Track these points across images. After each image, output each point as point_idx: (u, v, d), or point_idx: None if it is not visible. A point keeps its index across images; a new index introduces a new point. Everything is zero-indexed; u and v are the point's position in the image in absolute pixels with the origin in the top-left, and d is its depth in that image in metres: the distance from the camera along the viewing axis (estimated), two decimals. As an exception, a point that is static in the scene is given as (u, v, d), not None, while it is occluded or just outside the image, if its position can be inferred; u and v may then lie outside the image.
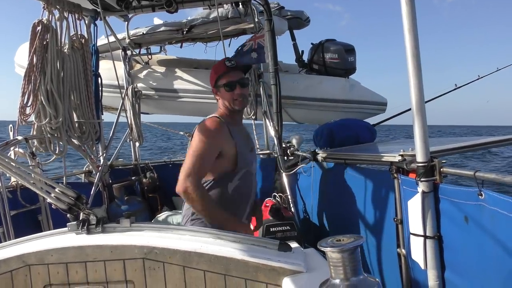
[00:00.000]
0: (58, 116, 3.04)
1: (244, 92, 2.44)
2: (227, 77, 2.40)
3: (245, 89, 2.46)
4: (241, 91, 2.41)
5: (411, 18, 1.83)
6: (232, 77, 2.40)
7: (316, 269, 1.57)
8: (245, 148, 2.48)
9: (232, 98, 2.40)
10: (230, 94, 2.39)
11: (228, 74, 2.40)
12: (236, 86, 2.39)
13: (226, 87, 2.40)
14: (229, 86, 2.39)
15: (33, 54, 2.95)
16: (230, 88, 2.39)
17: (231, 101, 2.41)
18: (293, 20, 5.43)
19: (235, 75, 2.41)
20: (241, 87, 2.41)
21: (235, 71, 2.42)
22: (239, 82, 2.41)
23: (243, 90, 2.42)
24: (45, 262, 1.68)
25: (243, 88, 2.42)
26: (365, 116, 5.21)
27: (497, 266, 1.64)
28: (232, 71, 2.41)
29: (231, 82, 2.39)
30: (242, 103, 2.45)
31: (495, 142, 2.67)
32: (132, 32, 4.79)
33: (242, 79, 2.43)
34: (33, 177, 2.03)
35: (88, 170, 4.22)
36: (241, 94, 2.41)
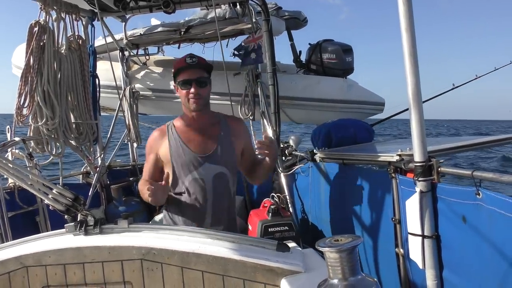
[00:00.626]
0: (55, 117, 3.04)
1: (201, 92, 2.29)
2: (185, 74, 2.28)
3: (203, 89, 2.30)
4: (197, 91, 2.27)
5: (408, 17, 1.83)
6: (190, 74, 2.27)
7: (315, 269, 1.57)
8: (186, 151, 2.32)
9: (187, 96, 2.29)
10: (185, 92, 2.28)
11: (186, 71, 2.28)
12: (192, 84, 2.26)
13: (182, 84, 2.29)
14: (185, 84, 2.28)
15: (30, 55, 2.94)
16: (185, 86, 2.28)
17: (186, 99, 2.30)
18: (291, 21, 5.42)
19: (193, 73, 2.28)
20: (198, 86, 2.27)
21: (195, 69, 2.28)
22: (197, 80, 2.27)
23: (200, 90, 2.28)
24: (43, 263, 1.67)
25: (200, 88, 2.28)
26: (363, 116, 5.22)
27: (495, 265, 1.64)
28: (191, 68, 2.28)
29: (187, 80, 2.27)
30: (197, 103, 2.30)
31: (492, 142, 2.67)
32: (130, 33, 4.78)
33: (201, 78, 2.29)
34: (31, 178, 2.02)
35: (86, 171, 4.21)
36: (197, 93, 2.27)
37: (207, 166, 2.32)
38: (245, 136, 2.54)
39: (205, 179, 2.32)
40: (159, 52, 5.36)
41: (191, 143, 2.34)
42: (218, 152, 2.34)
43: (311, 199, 3.71)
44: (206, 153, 2.33)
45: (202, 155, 2.32)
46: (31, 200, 3.34)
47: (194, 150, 2.32)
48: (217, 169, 2.34)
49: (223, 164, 2.35)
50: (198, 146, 2.34)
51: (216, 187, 2.34)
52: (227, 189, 2.39)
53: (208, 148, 2.35)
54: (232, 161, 2.41)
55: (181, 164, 2.31)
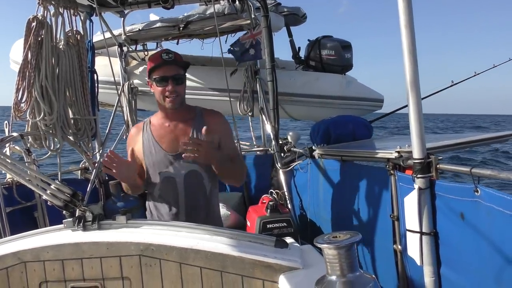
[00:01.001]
0: (53, 112, 3.03)
1: (177, 89, 2.21)
2: (161, 71, 2.20)
3: (179, 87, 2.23)
4: (174, 88, 2.19)
5: (408, 13, 1.83)
6: (166, 71, 2.19)
7: (313, 266, 1.57)
8: (157, 149, 2.27)
9: (163, 94, 2.21)
10: (161, 89, 2.20)
11: (162, 68, 2.20)
12: (169, 81, 2.19)
13: (158, 81, 2.20)
14: (160, 80, 2.19)
15: (27, 50, 2.92)
16: (161, 83, 2.20)
17: (161, 97, 2.23)
18: (290, 17, 5.41)
19: (170, 70, 2.20)
20: (175, 83, 2.20)
21: (171, 65, 2.21)
22: (173, 77, 2.19)
23: (176, 87, 2.21)
24: (41, 259, 1.67)
25: (177, 85, 2.21)
26: (362, 112, 5.22)
27: (492, 262, 1.64)
28: (167, 65, 2.20)
29: (164, 77, 2.19)
30: (173, 101, 2.22)
31: (491, 139, 2.68)
32: (128, 28, 4.76)
33: (177, 75, 2.21)
34: (29, 174, 2.02)
35: (85, 166, 4.20)
36: (174, 91, 2.20)
37: (178, 165, 2.26)
38: (220, 130, 2.34)
39: (176, 178, 2.25)
40: (158, 47, 5.33)
41: (162, 141, 2.28)
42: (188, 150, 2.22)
43: (310, 196, 3.72)
44: (177, 152, 2.25)
45: (172, 154, 2.26)
46: (29, 195, 3.33)
47: (165, 148, 2.26)
48: (188, 167, 2.26)
49: (194, 161, 2.23)
50: (169, 144, 2.27)
51: (189, 186, 2.27)
52: (201, 187, 2.30)
53: (178, 146, 2.22)
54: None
55: (152, 162, 2.27)
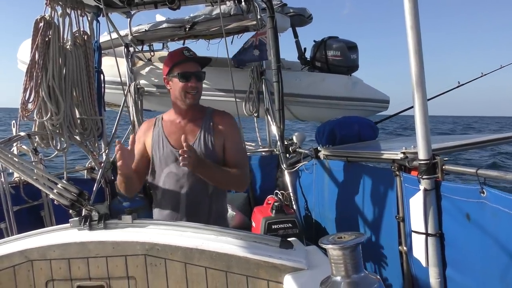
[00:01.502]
0: (59, 112, 3.05)
1: (198, 86, 2.26)
2: (183, 67, 2.24)
3: (200, 83, 2.28)
4: (195, 84, 2.24)
5: (414, 15, 1.82)
6: (188, 67, 2.24)
7: (318, 267, 1.57)
8: (165, 145, 2.29)
9: (185, 90, 2.24)
10: (183, 85, 2.23)
11: (184, 64, 2.24)
12: (191, 77, 2.23)
13: (181, 77, 2.23)
14: (184, 76, 2.22)
15: (35, 51, 2.95)
16: (184, 78, 2.23)
17: (183, 93, 2.25)
18: (296, 17, 5.41)
19: (192, 66, 2.25)
20: (197, 80, 2.25)
21: (193, 62, 2.27)
22: (195, 74, 2.25)
23: (198, 83, 2.26)
24: (47, 257, 1.68)
25: (198, 82, 2.26)
26: (368, 113, 5.21)
27: (498, 264, 1.64)
28: (189, 62, 2.25)
29: (187, 73, 2.23)
30: (194, 97, 2.27)
31: (497, 140, 2.66)
32: (135, 29, 4.78)
33: (199, 72, 2.27)
34: (36, 173, 2.04)
35: (91, 166, 4.23)
36: (195, 87, 2.25)
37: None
38: (227, 132, 2.35)
39: (180, 174, 2.27)
40: (164, 48, 5.36)
41: (171, 137, 2.31)
42: (194, 147, 2.23)
43: (315, 197, 3.71)
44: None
45: (178, 150, 2.21)
46: (36, 194, 3.36)
47: (173, 144, 2.29)
48: None
49: None
50: (177, 140, 2.28)
51: (192, 184, 2.27)
52: (204, 186, 2.28)
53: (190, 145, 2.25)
54: (210, 157, 2.27)
55: (159, 156, 2.30)
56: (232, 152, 2.35)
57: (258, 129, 5.51)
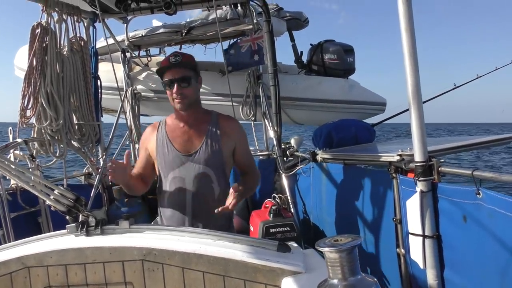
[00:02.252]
0: (59, 118, 3.05)
1: (184, 92, 2.23)
2: (167, 75, 2.24)
3: (186, 89, 2.24)
4: (180, 90, 2.22)
5: (408, 17, 1.83)
6: (173, 74, 2.22)
7: (315, 270, 1.57)
8: (170, 149, 2.29)
9: (171, 97, 2.26)
10: (169, 92, 2.25)
11: (169, 71, 2.24)
12: (175, 84, 2.21)
13: (165, 85, 2.26)
14: (168, 83, 2.24)
15: (32, 57, 2.96)
16: (168, 86, 2.24)
17: (171, 99, 2.28)
18: (292, 21, 5.43)
19: (177, 72, 2.22)
20: (181, 86, 2.22)
21: (179, 68, 2.23)
22: (179, 80, 2.21)
23: (183, 89, 2.22)
24: (44, 264, 1.68)
25: (183, 88, 2.22)
26: (364, 116, 5.22)
27: (495, 265, 1.64)
28: (175, 68, 2.22)
29: (169, 80, 2.23)
30: (181, 103, 2.25)
31: (491, 141, 2.68)
32: (131, 34, 4.79)
33: (183, 77, 2.22)
34: (33, 180, 2.03)
35: (88, 172, 4.22)
36: (180, 93, 2.22)
37: (189, 166, 2.27)
38: (236, 136, 2.40)
39: (185, 178, 2.27)
40: (161, 53, 5.37)
41: (176, 141, 2.31)
42: (201, 152, 2.28)
43: (313, 200, 3.71)
44: (189, 152, 2.28)
45: (184, 154, 2.28)
46: (33, 201, 3.36)
47: (178, 148, 2.29)
48: (199, 169, 2.27)
49: (206, 164, 2.28)
50: (182, 145, 2.30)
51: (198, 188, 2.27)
52: (210, 190, 2.30)
53: (192, 147, 2.30)
54: (217, 161, 2.31)
55: (164, 161, 2.30)
56: (245, 156, 2.46)
57: (255, 133, 5.51)
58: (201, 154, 2.29)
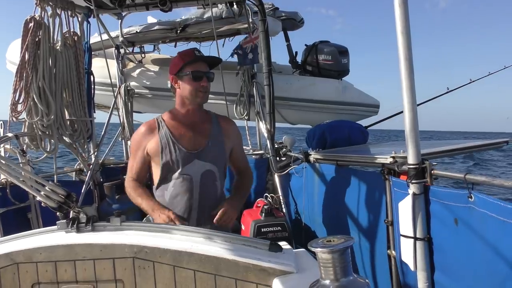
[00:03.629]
0: (50, 113, 3.02)
1: (208, 86, 2.31)
2: (195, 66, 2.28)
3: (209, 84, 2.33)
4: (207, 84, 2.29)
5: (404, 20, 1.84)
6: (200, 67, 2.29)
7: (307, 270, 1.57)
8: (177, 147, 2.29)
9: (196, 89, 2.28)
10: (196, 84, 2.27)
11: (196, 64, 2.28)
12: (203, 77, 2.28)
13: (193, 76, 2.26)
14: (196, 76, 2.27)
15: (25, 51, 2.92)
16: (196, 78, 2.27)
17: (194, 92, 2.28)
18: (287, 21, 5.42)
19: (203, 66, 2.31)
20: (208, 80, 2.30)
21: (203, 62, 2.32)
22: (207, 74, 2.30)
23: (208, 84, 2.31)
24: (33, 260, 1.66)
25: (208, 82, 2.31)
26: (358, 118, 5.23)
27: (486, 268, 1.65)
28: (200, 62, 2.30)
29: (199, 72, 2.27)
30: (204, 97, 2.32)
31: (485, 145, 2.69)
32: (126, 30, 4.77)
33: (209, 72, 2.32)
34: (23, 175, 2.01)
35: (79, 168, 4.19)
36: (206, 87, 2.29)
37: (196, 163, 2.30)
38: (234, 137, 2.50)
39: (193, 176, 2.29)
40: (155, 50, 5.35)
41: (182, 139, 2.31)
42: (208, 149, 2.32)
43: (305, 200, 3.72)
44: (196, 150, 2.30)
45: (192, 152, 2.29)
46: (23, 196, 3.32)
47: (185, 146, 2.29)
48: (206, 166, 2.31)
49: (212, 161, 2.32)
50: (188, 142, 2.31)
51: (204, 185, 2.31)
52: (214, 187, 2.36)
53: (198, 144, 2.32)
54: (221, 159, 2.38)
55: (170, 159, 2.28)
56: (241, 157, 2.57)
57: (248, 132, 5.51)
58: (207, 151, 2.32)
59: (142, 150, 2.35)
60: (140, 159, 2.37)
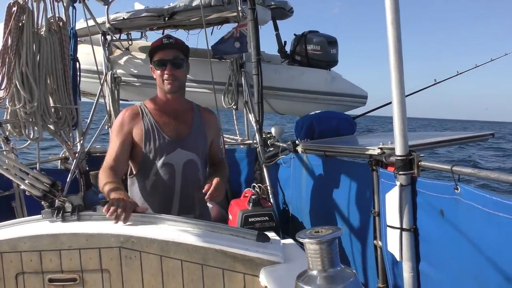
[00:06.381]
0: (33, 100, 2.95)
1: (176, 74, 2.21)
2: (160, 54, 2.21)
3: (178, 71, 2.22)
4: (171, 72, 2.19)
5: (394, 10, 1.83)
6: (166, 54, 2.20)
7: (294, 260, 1.58)
8: (161, 135, 2.23)
9: (162, 77, 2.21)
10: (159, 72, 2.21)
11: (161, 51, 2.21)
12: (167, 65, 2.19)
13: (157, 64, 2.21)
14: (159, 64, 2.20)
15: (7, 36, 2.85)
16: (160, 66, 2.20)
17: (161, 80, 2.22)
18: (277, 10, 5.39)
19: (169, 53, 2.20)
20: (173, 67, 2.19)
21: (171, 49, 2.21)
22: (172, 61, 2.19)
23: (175, 71, 2.20)
24: (18, 249, 1.64)
25: (175, 69, 2.20)
26: (346, 108, 5.25)
27: (470, 259, 1.67)
28: (167, 49, 2.21)
29: (163, 60, 2.19)
30: (172, 84, 2.22)
31: (472, 137, 2.72)
32: (112, 17, 4.69)
33: (175, 58, 2.21)
34: (7, 163, 1.97)
35: (65, 156, 4.14)
36: (171, 75, 2.20)
37: (179, 152, 2.26)
38: (214, 129, 2.47)
39: (175, 164, 2.25)
40: (142, 37, 5.28)
41: (165, 127, 2.26)
42: (191, 138, 2.28)
43: (292, 190, 3.73)
44: (180, 138, 2.27)
45: (175, 140, 2.25)
46: (7, 185, 3.27)
47: (168, 134, 2.25)
48: (188, 155, 2.28)
49: (194, 150, 2.29)
50: (172, 131, 2.26)
51: (186, 174, 2.28)
52: (196, 176, 2.32)
53: (181, 133, 2.28)
54: (203, 149, 2.35)
55: (153, 147, 2.23)
56: (218, 148, 2.57)
57: (236, 121, 5.49)
58: (190, 140, 2.28)
59: (125, 134, 2.24)
60: (121, 143, 2.23)
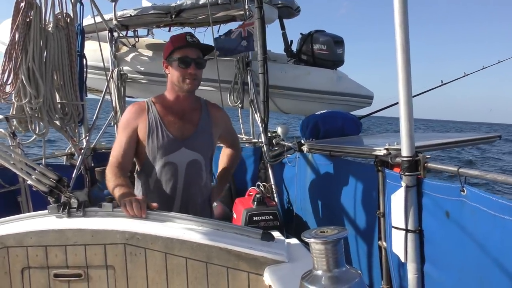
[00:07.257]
0: (39, 96, 2.96)
1: (197, 73, 2.20)
2: (184, 52, 2.17)
3: (199, 71, 2.22)
4: (194, 71, 2.18)
5: (403, 12, 1.82)
6: (189, 53, 2.18)
7: (298, 260, 1.58)
8: (165, 133, 2.21)
9: (183, 76, 2.18)
10: (182, 70, 2.18)
11: (186, 49, 2.18)
12: (191, 64, 2.17)
13: (181, 62, 2.17)
14: (183, 62, 2.17)
15: (15, 31, 2.86)
16: (184, 64, 2.17)
17: (181, 78, 2.19)
18: (284, 9, 5.38)
19: (193, 53, 2.19)
20: (196, 67, 2.19)
21: (194, 48, 2.20)
22: (196, 61, 2.18)
23: (197, 71, 2.20)
24: (24, 244, 1.65)
25: (197, 69, 2.20)
26: (351, 108, 5.24)
27: (475, 261, 1.67)
28: (191, 47, 2.19)
29: (187, 58, 2.17)
30: (192, 84, 2.21)
31: (479, 139, 2.70)
32: (120, 14, 4.70)
33: (199, 58, 2.21)
34: (13, 158, 1.98)
35: (70, 152, 4.15)
36: (194, 74, 2.19)
37: (183, 151, 2.23)
38: (223, 125, 2.44)
39: (178, 164, 2.23)
40: (149, 34, 5.28)
41: (170, 126, 2.23)
42: (195, 138, 2.25)
43: (297, 190, 3.73)
44: (184, 138, 2.24)
45: (180, 139, 2.22)
46: (13, 179, 3.28)
47: (172, 133, 2.22)
48: (192, 155, 2.25)
49: (198, 150, 2.27)
50: (177, 129, 2.24)
51: (189, 174, 2.25)
52: (199, 176, 2.30)
53: (187, 132, 2.25)
54: (208, 148, 2.32)
55: (157, 145, 2.21)
56: (230, 137, 2.59)
57: (242, 120, 5.49)
58: (195, 140, 2.25)
59: (131, 129, 2.23)
60: (127, 139, 2.22)
